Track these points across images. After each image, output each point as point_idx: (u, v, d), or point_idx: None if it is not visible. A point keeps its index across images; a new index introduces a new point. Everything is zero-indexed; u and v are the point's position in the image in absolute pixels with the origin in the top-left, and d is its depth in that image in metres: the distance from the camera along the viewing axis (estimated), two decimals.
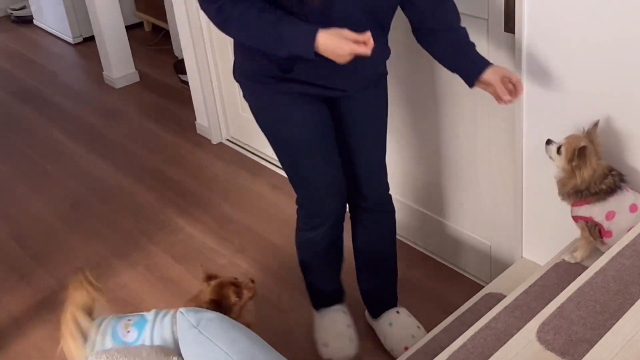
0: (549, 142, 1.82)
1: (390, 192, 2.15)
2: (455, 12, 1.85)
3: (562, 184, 1.79)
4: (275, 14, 1.61)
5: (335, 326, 2.25)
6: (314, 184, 1.97)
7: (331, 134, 1.93)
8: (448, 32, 1.83)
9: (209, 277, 1.84)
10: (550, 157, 1.82)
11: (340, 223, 2.10)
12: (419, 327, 2.25)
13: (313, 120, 1.88)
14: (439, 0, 1.81)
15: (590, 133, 1.76)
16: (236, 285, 1.81)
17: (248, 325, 1.77)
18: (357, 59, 1.61)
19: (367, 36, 1.57)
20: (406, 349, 2.14)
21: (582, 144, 1.71)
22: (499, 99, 1.76)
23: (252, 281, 1.85)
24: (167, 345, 1.73)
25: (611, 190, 1.73)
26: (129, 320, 1.80)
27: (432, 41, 1.85)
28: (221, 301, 1.77)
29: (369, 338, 2.28)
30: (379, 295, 2.30)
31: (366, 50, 1.58)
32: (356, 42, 1.57)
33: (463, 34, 1.84)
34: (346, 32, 1.58)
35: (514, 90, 1.75)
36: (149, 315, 1.81)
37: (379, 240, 2.19)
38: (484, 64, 1.79)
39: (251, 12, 1.61)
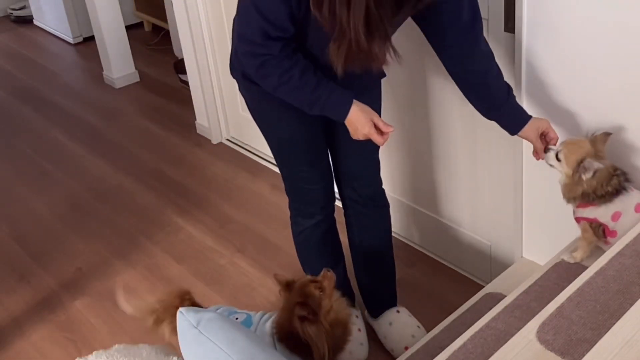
0: (547, 149, 1.80)
1: (384, 187, 2.16)
2: (489, 62, 1.78)
3: (567, 190, 1.77)
4: (316, 77, 1.65)
5: None
6: (302, 178, 2.02)
7: (322, 133, 1.97)
8: (482, 85, 1.79)
9: (288, 284, 1.83)
10: (550, 164, 1.80)
11: (330, 212, 2.14)
12: (419, 326, 2.25)
13: (304, 123, 1.90)
14: (471, 48, 1.74)
15: (596, 141, 1.74)
16: (314, 281, 1.80)
17: (345, 324, 1.82)
18: (353, 80, 1.67)
19: (389, 130, 1.68)
20: (406, 348, 2.14)
21: (597, 166, 1.68)
22: (536, 155, 1.83)
23: (329, 270, 1.84)
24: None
25: (617, 192, 1.72)
26: (237, 318, 1.83)
27: (467, 91, 1.83)
28: (307, 301, 1.75)
29: (369, 338, 2.28)
30: (378, 294, 2.31)
31: (380, 140, 1.68)
32: (377, 129, 1.68)
33: (499, 86, 1.78)
34: (375, 118, 1.68)
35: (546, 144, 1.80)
36: (255, 318, 1.84)
37: (373, 234, 2.20)
38: (524, 120, 1.79)
39: (294, 72, 1.64)
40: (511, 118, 1.81)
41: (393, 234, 2.28)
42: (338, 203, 2.16)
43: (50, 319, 2.55)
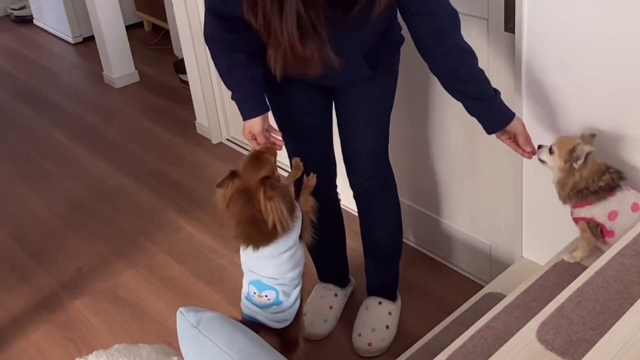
0: (539, 146, 1.82)
1: (385, 180, 2.16)
2: (465, 60, 1.74)
3: (561, 185, 1.78)
4: (239, 76, 1.84)
5: (319, 302, 2.36)
6: (295, 152, 2.06)
7: (320, 114, 2.03)
8: (462, 82, 1.77)
9: (232, 173, 1.79)
10: (541, 160, 1.81)
11: (331, 185, 2.20)
12: (387, 326, 2.27)
13: (299, 102, 1.98)
14: (448, 47, 1.73)
15: (585, 140, 1.76)
16: (262, 151, 1.81)
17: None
18: (332, 75, 1.72)
19: (263, 143, 1.90)
20: (360, 335, 2.23)
21: (588, 149, 1.71)
22: (520, 149, 1.81)
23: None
24: None
25: (610, 188, 1.73)
26: (267, 296, 1.91)
27: (449, 88, 1.82)
28: (267, 172, 1.75)
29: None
30: (374, 280, 2.34)
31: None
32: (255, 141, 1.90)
33: (477, 84, 1.76)
34: (256, 131, 1.89)
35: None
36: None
37: (371, 220, 2.23)
38: (510, 115, 1.78)
39: (222, 63, 1.86)
40: (490, 118, 1.81)
41: None
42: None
43: (50, 319, 2.55)
